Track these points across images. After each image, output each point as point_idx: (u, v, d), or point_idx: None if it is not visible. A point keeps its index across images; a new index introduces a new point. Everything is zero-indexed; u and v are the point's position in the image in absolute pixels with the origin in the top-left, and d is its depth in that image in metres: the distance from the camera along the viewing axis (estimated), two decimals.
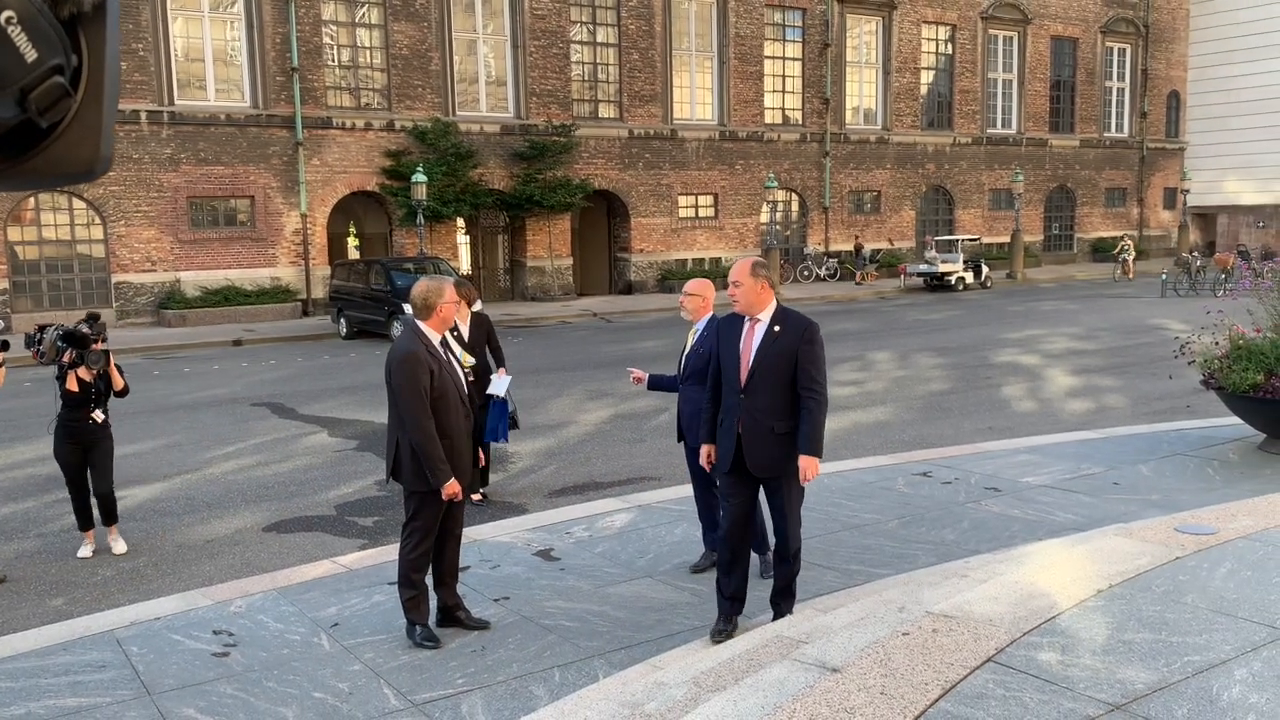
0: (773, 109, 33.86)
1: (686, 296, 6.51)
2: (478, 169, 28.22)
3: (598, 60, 30.65)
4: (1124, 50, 42.27)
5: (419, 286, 5.59)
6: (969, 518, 7.63)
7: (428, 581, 5.63)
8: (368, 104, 27.44)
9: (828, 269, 34.37)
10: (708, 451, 5.56)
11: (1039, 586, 4.90)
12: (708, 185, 32.56)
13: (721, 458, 5.41)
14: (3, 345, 6.95)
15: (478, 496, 8.54)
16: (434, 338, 5.54)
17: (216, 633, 5.74)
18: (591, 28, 30.38)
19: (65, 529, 8.02)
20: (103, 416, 7.43)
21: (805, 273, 34.00)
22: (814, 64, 34.29)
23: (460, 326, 8.13)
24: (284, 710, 4.79)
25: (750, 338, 5.27)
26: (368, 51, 27.46)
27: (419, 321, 5.55)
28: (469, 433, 5.63)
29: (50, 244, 24.42)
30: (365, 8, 27.20)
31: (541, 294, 29.73)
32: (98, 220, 24.52)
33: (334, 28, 26.89)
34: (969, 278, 31.68)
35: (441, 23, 27.77)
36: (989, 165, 38.50)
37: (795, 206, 35.03)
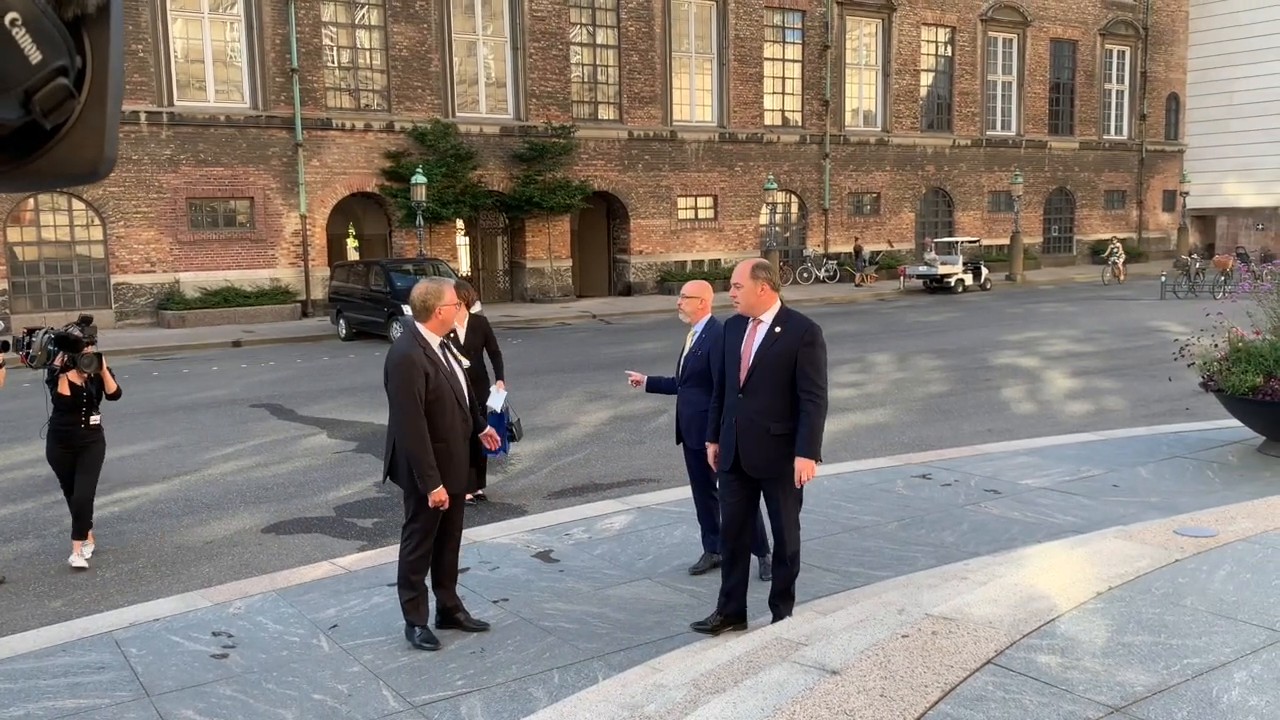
0: (772, 111, 33.88)
1: (684, 299, 6.53)
2: (477, 170, 28.23)
3: (597, 62, 30.66)
4: (1123, 53, 42.30)
5: (418, 289, 5.58)
6: (968, 520, 7.63)
7: (427, 583, 5.63)
8: (367, 105, 27.45)
9: (827, 271, 34.38)
10: (714, 451, 5.58)
11: (1038, 589, 4.90)
12: (707, 187, 32.57)
13: (722, 457, 5.47)
14: (2, 346, 6.94)
15: (471, 496, 8.52)
16: (433, 340, 5.53)
17: (216, 634, 5.74)
18: (591, 29, 30.39)
19: (65, 530, 8.00)
20: (98, 420, 7.33)
21: (805, 274, 34.01)
22: (814, 66, 34.31)
23: (457, 328, 8.11)
24: (283, 712, 4.79)
25: (751, 338, 5.32)
26: (367, 53, 27.47)
27: (418, 324, 5.55)
28: (466, 437, 5.61)
29: (50, 245, 24.43)
30: (365, 9, 27.21)
31: (541, 295, 29.74)
32: (97, 221, 24.52)
33: (334, 29, 26.90)
34: (968, 280, 31.70)
35: (441, 24, 27.78)
36: (988, 167, 38.52)
37: (795, 208, 35.05)
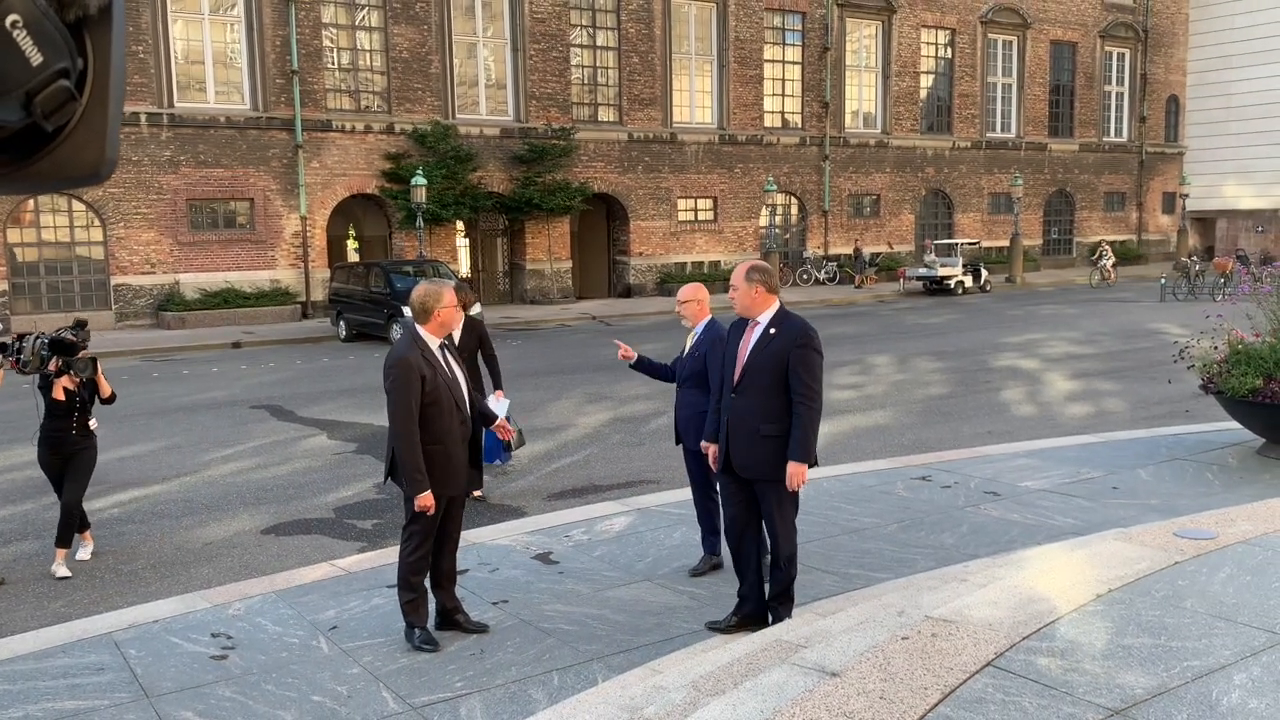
0: (772, 113, 33.89)
1: (681, 304, 6.51)
2: (477, 172, 28.24)
3: (597, 64, 30.67)
4: (1123, 55, 42.32)
5: (418, 290, 5.59)
6: (968, 522, 7.63)
7: (426, 584, 5.63)
8: (367, 107, 27.46)
9: (827, 272, 34.39)
10: (714, 451, 5.60)
11: (1038, 591, 4.90)
12: (707, 188, 32.58)
13: (720, 457, 5.49)
14: (1, 348, 6.93)
15: (476, 495, 8.52)
16: (432, 342, 5.53)
17: (215, 635, 5.74)
18: (591, 31, 30.40)
19: None
20: (92, 424, 7.21)
21: (804, 276, 34.02)
22: (814, 68, 34.33)
23: (453, 330, 8.11)
24: (282, 713, 4.79)
25: (747, 340, 5.37)
26: (368, 54, 27.48)
27: (417, 325, 5.55)
28: (465, 439, 5.60)
29: (49, 246, 24.43)
30: (365, 10, 27.22)
31: (541, 297, 29.74)
32: (97, 222, 24.52)
33: (334, 30, 26.91)
34: (968, 281, 31.70)
35: (441, 26, 27.79)
36: (988, 169, 38.54)
37: (794, 210, 35.06)
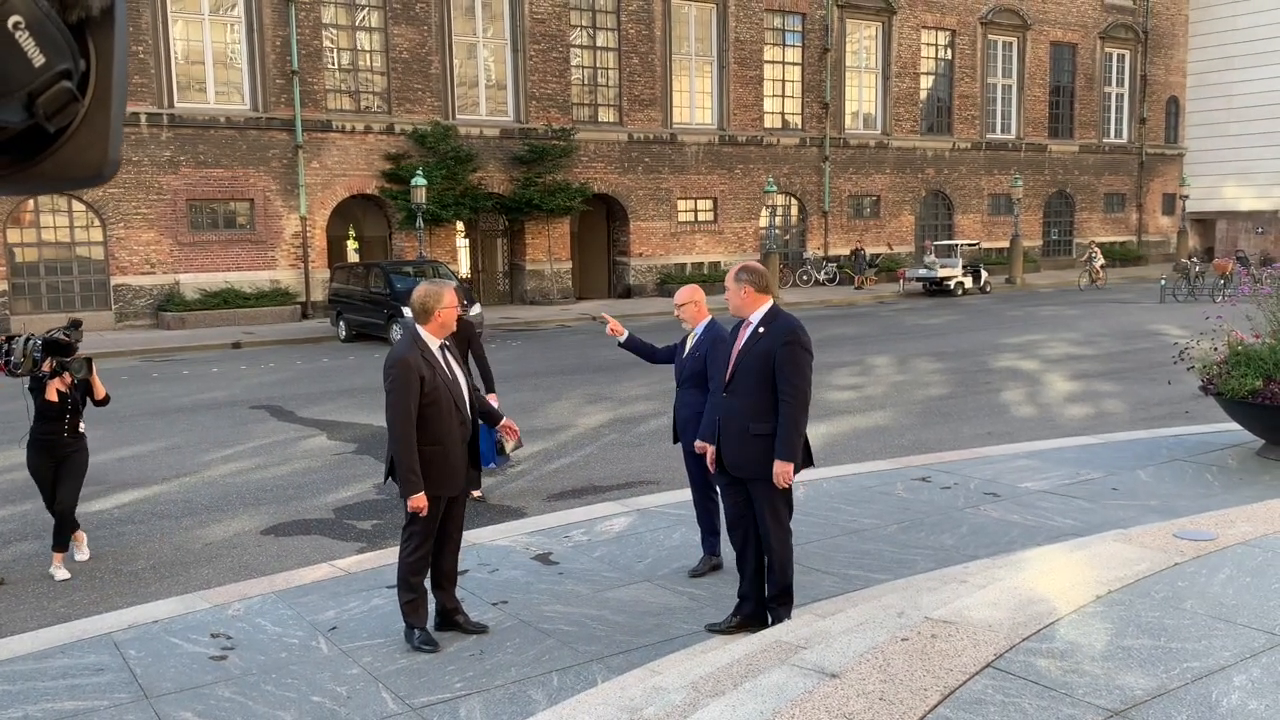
0: (772, 113, 33.89)
1: (679, 308, 6.53)
2: (477, 172, 28.23)
3: (597, 64, 30.67)
4: (1123, 56, 42.32)
5: (418, 291, 5.61)
6: (968, 523, 7.63)
7: (426, 585, 5.63)
8: (367, 107, 27.46)
9: (827, 273, 34.38)
10: (711, 451, 5.59)
11: (1038, 592, 4.90)
12: (707, 189, 32.57)
13: (717, 457, 5.53)
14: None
15: (476, 494, 8.52)
16: (432, 343, 5.54)
17: (214, 636, 5.74)
18: (591, 32, 30.40)
19: None
20: (82, 427, 7.15)
21: (804, 277, 34.02)
22: (814, 69, 34.33)
23: None
24: (282, 714, 4.79)
25: (739, 339, 5.44)
26: (368, 55, 27.47)
27: (418, 326, 5.57)
28: (465, 440, 5.61)
29: (49, 246, 24.42)
30: (365, 11, 27.22)
31: (540, 297, 29.74)
32: (97, 222, 24.52)
33: (334, 31, 26.91)
34: (968, 282, 31.70)
35: (441, 26, 27.79)
36: (988, 170, 38.53)
37: (794, 211, 35.05)
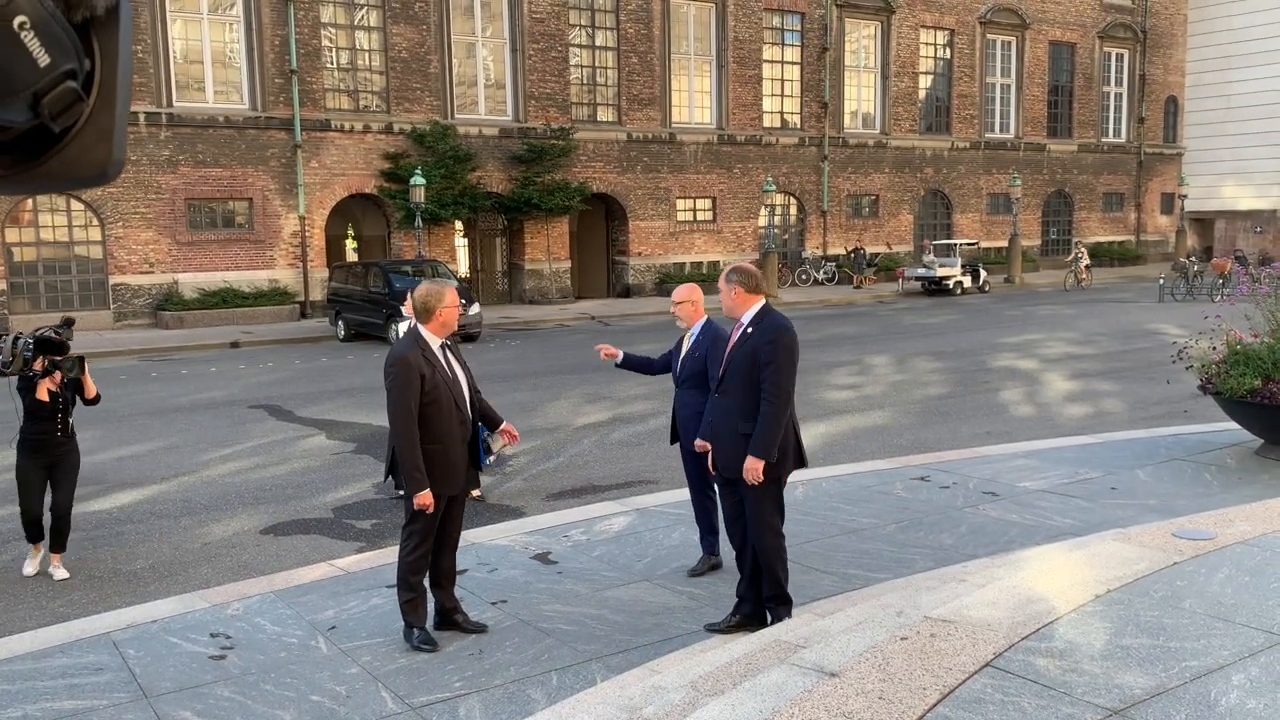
0: (771, 113, 33.88)
1: (676, 306, 6.55)
2: (476, 172, 28.22)
3: (596, 64, 30.66)
4: (1122, 55, 42.34)
5: (420, 290, 5.65)
6: (967, 522, 7.64)
7: (425, 584, 5.64)
8: (366, 106, 27.44)
9: (826, 273, 34.39)
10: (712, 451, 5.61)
11: (1037, 591, 4.90)
12: (706, 189, 32.57)
13: (713, 457, 5.57)
14: None
15: (475, 493, 8.52)
16: (433, 342, 5.56)
17: (214, 635, 5.74)
18: (590, 31, 30.39)
19: None
20: (71, 425, 7.08)
21: (803, 276, 34.03)
22: (812, 68, 34.33)
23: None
24: (281, 713, 4.79)
25: (731, 339, 5.49)
26: (366, 54, 27.46)
27: (419, 325, 5.59)
28: (465, 439, 5.62)
29: (48, 245, 24.40)
30: (364, 10, 27.20)
31: (539, 297, 29.74)
32: (95, 222, 24.50)
33: (333, 30, 26.89)
34: (966, 282, 31.70)
35: (440, 25, 27.78)
36: (987, 170, 38.55)
37: (793, 210, 35.05)
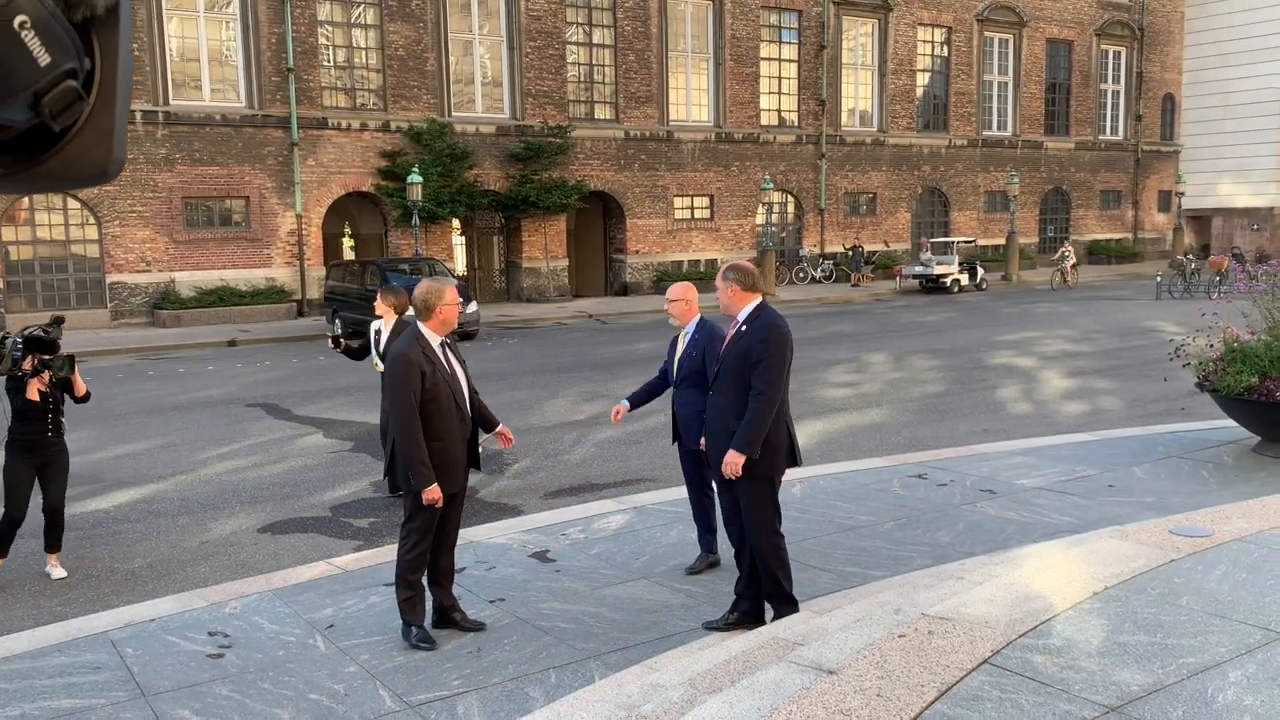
0: (768, 111, 33.88)
1: (670, 303, 6.54)
2: (473, 170, 28.21)
3: (594, 61, 30.65)
4: (1119, 53, 42.36)
5: (420, 287, 5.66)
6: (964, 520, 7.64)
7: (423, 582, 5.64)
8: (363, 104, 27.42)
9: (823, 271, 34.40)
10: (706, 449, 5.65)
11: (1034, 589, 4.91)
12: (703, 187, 32.57)
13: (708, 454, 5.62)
14: None
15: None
16: (433, 340, 5.56)
17: (212, 634, 5.74)
18: (587, 29, 30.37)
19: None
20: (63, 425, 7.05)
21: (801, 274, 34.04)
22: (810, 66, 34.33)
23: (383, 331, 8.62)
24: (279, 712, 4.79)
25: (728, 337, 5.52)
26: (363, 52, 27.43)
27: (419, 323, 5.59)
28: (464, 437, 5.63)
29: (44, 244, 24.37)
30: (361, 8, 27.17)
31: (537, 295, 29.73)
32: (92, 220, 24.47)
33: (329, 28, 26.86)
34: (964, 280, 31.73)
35: (437, 23, 27.75)
36: (984, 167, 38.56)
37: (791, 208, 35.06)
